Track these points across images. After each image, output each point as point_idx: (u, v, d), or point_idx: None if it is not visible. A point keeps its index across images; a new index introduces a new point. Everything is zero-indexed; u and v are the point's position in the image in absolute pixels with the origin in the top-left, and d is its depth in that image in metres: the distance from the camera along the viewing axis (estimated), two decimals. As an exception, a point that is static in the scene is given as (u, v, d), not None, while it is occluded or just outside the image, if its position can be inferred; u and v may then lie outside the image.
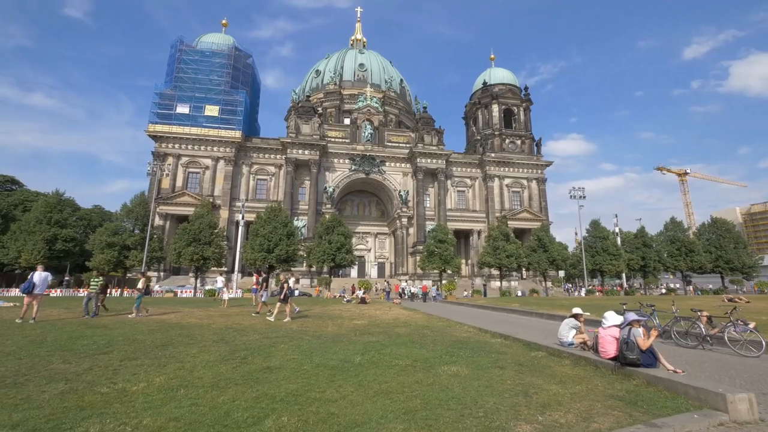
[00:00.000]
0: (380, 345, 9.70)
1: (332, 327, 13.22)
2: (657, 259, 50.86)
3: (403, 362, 7.67)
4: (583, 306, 22.24)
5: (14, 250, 38.02)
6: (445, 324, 14.61)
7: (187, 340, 10.10)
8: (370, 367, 7.26)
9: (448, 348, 9.41)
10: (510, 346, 10.04)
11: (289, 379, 6.30)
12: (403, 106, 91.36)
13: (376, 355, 8.31)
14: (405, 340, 10.48)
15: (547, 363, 7.93)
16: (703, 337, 11.08)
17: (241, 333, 11.44)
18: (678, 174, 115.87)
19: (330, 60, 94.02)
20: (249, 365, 7.29)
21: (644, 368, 6.73)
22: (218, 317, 15.80)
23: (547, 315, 19.81)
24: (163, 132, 66.04)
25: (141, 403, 5.08)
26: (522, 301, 28.38)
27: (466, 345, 9.97)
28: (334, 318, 16.15)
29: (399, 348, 9.27)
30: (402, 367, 7.30)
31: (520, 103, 78.06)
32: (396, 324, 14.44)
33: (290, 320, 14.82)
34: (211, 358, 7.86)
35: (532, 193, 73.65)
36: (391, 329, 12.89)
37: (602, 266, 47.40)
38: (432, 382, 6.28)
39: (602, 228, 51.16)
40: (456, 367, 7.29)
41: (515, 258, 45.14)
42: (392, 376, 6.61)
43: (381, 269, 75.67)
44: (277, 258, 38.54)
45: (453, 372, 6.96)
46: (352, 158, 70.41)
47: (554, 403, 5.32)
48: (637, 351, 6.78)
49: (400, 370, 6.99)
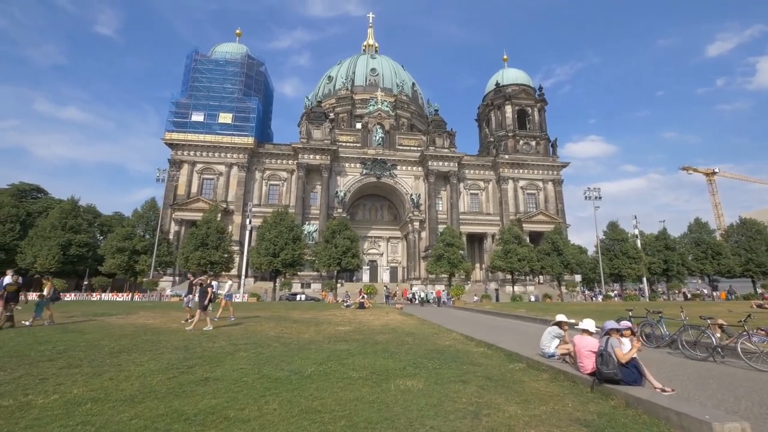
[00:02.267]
0: (347, 354, 8.99)
1: (312, 333, 12.57)
2: (680, 262, 48.13)
3: (357, 374, 6.94)
4: (590, 312, 21.00)
5: (30, 255, 39.16)
6: (434, 331, 13.76)
7: (149, 346, 9.64)
8: (318, 379, 6.56)
9: (418, 358, 8.61)
10: (490, 356, 9.16)
11: (217, 393, 5.67)
12: (415, 110, 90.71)
13: (333, 366, 7.60)
14: (378, 349, 9.73)
15: (521, 377, 7.05)
16: (714, 348, 9.91)
17: (211, 339, 10.92)
18: (705, 174, 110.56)
19: (342, 66, 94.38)
20: (188, 376, 6.71)
21: (626, 385, 5.81)
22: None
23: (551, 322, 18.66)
24: (178, 140, 67.27)
25: (30, 419, 4.55)
26: (530, 307, 27.09)
27: (442, 355, 9.15)
28: (321, 324, 15.51)
29: (365, 358, 8.54)
30: (352, 380, 6.57)
31: (534, 104, 76.25)
32: (382, 331, 13.68)
33: (212, 328, 12.91)
34: (155, 367, 7.33)
35: (548, 194, 71.53)
36: (372, 336, 12.15)
37: (621, 270, 45.17)
38: (374, 399, 5.53)
39: (620, 230, 48.87)
40: (413, 381, 6.52)
41: (527, 262, 43.47)
42: (334, 390, 5.90)
43: (393, 274, 74.78)
44: (282, 262, 38.32)
45: (406, 387, 6.19)
46: (363, 162, 70.04)
47: (504, 428, 4.51)
48: (615, 365, 5.85)
49: (347, 384, 6.27)
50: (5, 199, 44.10)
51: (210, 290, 13.54)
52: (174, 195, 64.92)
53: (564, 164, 73.30)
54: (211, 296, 13.67)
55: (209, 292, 13.53)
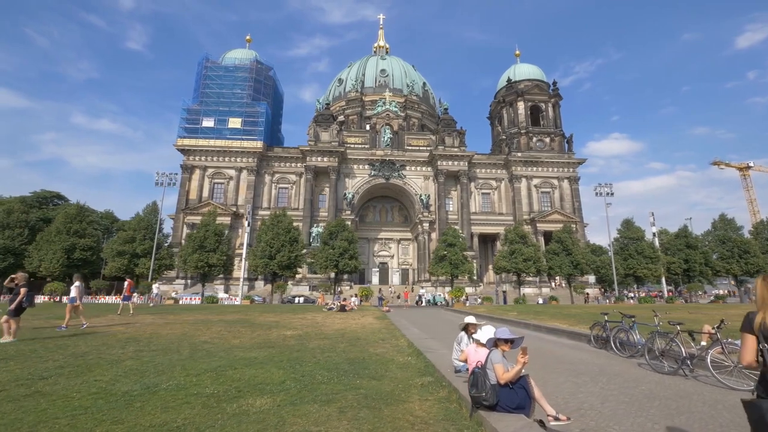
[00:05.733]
0: (244, 363, 8.05)
1: (245, 339, 11.71)
2: (703, 261, 44.64)
3: (213, 390, 5.97)
4: (580, 315, 19.24)
5: (36, 259, 40.36)
6: (383, 336, 12.63)
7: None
8: (160, 396, 5.64)
9: (318, 369, 7.59)
10: (407, 367, 8.02)
11: (23, 411, 4.90)
12: (426, 110, 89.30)
13: (203, 379, 6.68)
14: (287, 358, 8.75)
15: (410, 396, 5.92)
16: (682, 360, 8.41)
17: (113, 346, 10.21)
18: (739, 168, 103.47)
19: (352, 68, 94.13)
20: (23, 389, 5.93)
21: (506, 411, 4.62)
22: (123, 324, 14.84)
23: (534, 326, 17.19)
24: (190, 145, 68.49)
25: None
26: (527, 310, 25.40)
27: (352, 365, 8.08)
28: (272, 328, 14.64)
29: (255, 369, 7.57)
30: (199, 396, 5.62)
31: (548, 99, 73.50)
32: (327, 336, 12.68)
33: (13, 340, 10.37)
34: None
35: (564, 193, 68.63)
36: (307, 342, 11.19)
37: (636, 270, 42.29)
38: (191, 422, 4.60)
39: (636, 228, 45.79)
40: (266, 400, 5.52)
41: (533, 262, 41.32)
42: (156, 413, 4.97)
43: (404, 276, 73.54)
44: (279, 264, 37.86)
45: (249, 408, 5.20)
46: (372, 163, 69.28)
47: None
48: (490, 386, 4.66)
49: (182, 404, 5.31)
50: (15, 205, 45.79)
51: (23, 291, 10.72)
52: (186, 200, 66.10)
53: (580, 161, 70.25)
54: (22, 299, 10.72)
55: (22, 293, 10.68)
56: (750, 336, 2.95)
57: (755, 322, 2.93)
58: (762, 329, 2.87)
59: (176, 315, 20.06)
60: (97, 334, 12.71)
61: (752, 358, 2.90)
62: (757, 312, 2.99)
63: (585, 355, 11.06)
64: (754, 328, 2.92)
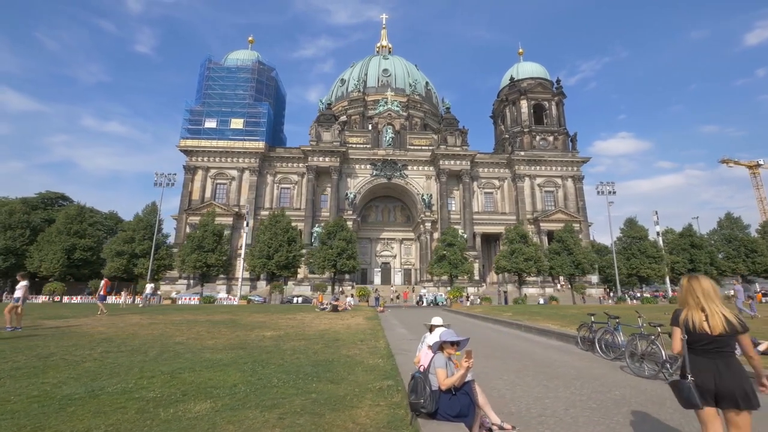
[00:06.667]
0: (205, 365, 7.83)
1: (223, 339, 11.51)
2: (708, 261, 43.68)
3: (157, 394, 5.74)
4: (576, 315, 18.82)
5: (37, 259, 40.70)
6: (365, 338, 12.35)
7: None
8: (97, 400, 5.44)
9: (279, 373, 7.33)
10: (372, 370, 7.75)
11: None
12: (429, 109, 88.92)
13: (155, 382, 6.45)
14: (255, 360, 8.51)
15: (359, 401, 5.63)
16: (662, 363, 8.05)
17: (82, 347, 10.07)
18: (748, 166, 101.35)
19: (354, 68, 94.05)
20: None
21: (445, 420, 4.33)
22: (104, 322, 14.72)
23: (525, 327, 16.81)
24: (193, 146, 68.81)
25: None
26: (524, 310, 24.93)
27: (317, 368, 7.83)
28: (255, 328, 14.43)
29: (215, 372, 7.35)
30: (138, 401, 5.41)
31: (551, 97, 72.73)
32: (306, 337, 12.42)
33: None
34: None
35: (568, 192, 67.83)
36: (283, 343, 10.96)
37: (639, 270, 41.50)
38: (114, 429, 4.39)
39: (639, 227, 44.96)
40: (206, 405, 5.29)
41: (534, 262, 40.72)
42: (84, 417, 4.78)
43: (407, 276, 73.24)
44: (276, 264, 37.75)
45: (186, 412, 4.99)
46: (373, 163, 69.07)
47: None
48: (429, 392, 4.38)
49: (116, 409, 5.09)
50: (16, 206, 46.23)
51: None
52: (189, 200, 66.45)
53: (584, 159, 69.41)
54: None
55: None
56: (677, 329, 3.54)
57: (680, 318, 3.53)
58: (685, 324, 3.47)
59: (165, 315, 19.97)
60: (75, 333, 12.61)
61: (680, 347, 3.50)
62: (682, 309, 3.58)
63: (568, 358, 10.70)
64: (680, 323, 3.52)
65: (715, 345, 3.33)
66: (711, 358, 3.33)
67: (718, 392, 3.24)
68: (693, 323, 3.40)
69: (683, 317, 3.49)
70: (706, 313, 3.38)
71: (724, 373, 3.25)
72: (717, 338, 3.31)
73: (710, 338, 3.33)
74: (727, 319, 3.31)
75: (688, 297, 3.54)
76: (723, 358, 3.31)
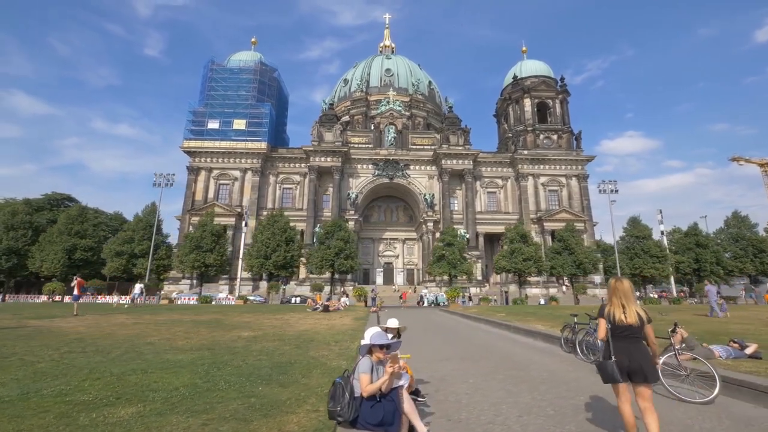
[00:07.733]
0: (160, 367, 7.61)
1: (196, 340, 11.32)
2: (714, 261, 42.56)
3: (85, 397, 5.53)
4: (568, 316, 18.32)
5: (38, 259, 41.11)
6: (343, 338, 12.09)
7: None
8: (29, 403, 5.27)
9: (229, 375, 7.11)
10: (331, 373, 7.47)
11: None
12: (432, 108, 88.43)
13: (91, 385, 6.22)
14: (216, 361, 8.29)
15: (298, 407, 5.35)
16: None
17: (59, 347, 9.93)
18: (759, 164, 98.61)
19: (357, 68, 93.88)
20: None
21: (367, 429, 4.04)
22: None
23: (514, 328, 16.42)
24: (196, 147, 69.11)
25: None
26: (519, 311, 24.43)
27: (276, 369, 7.59)
28: (232, 328, 14.25)
29: (166, 373, 7.13)
30: (44, 408, 5.11)
31: (555, 96, 71.82)
32: (282, 338, 12.19)
33: None
34: None
35: (572, 191, 66.88)
36: (255, 344, 10.74)
37: (643, 270, 40.62)
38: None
39: (643, 226, 44.06)
40: (132, 409, 5.07)
41: (534, 262, 40.09)
42: None
43: (410, 276, 72.87)
44: (274, 264, 37.67)
45: (109, 417, 4.79)
46: (375, 163, 68.83)
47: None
48: (348, 399, 4.10)
49: (37, 413, 4.92)
50: (19, 207, 46.77)
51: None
52: (192, 201, 66.78)
53: (589, 158, 68.39)
54: None
55: None
56: (602, 320, 4.44)
57: (605, 311, 4.41)
58: (608, 316, 4.35)
59: (152, 315, 19.93)
60: (51, 333, 12.54)
61: (604, 335, 4.41)
62: (607, 304, 4.47)
63: (548, 360, 10.34)
64: (605, 315, 4.40)
65: (629, 332, 4.19)
66: (626, 344, 4.19)
67: (630, 369, 4.10)
68: (614, 316, 4.27)
69: (608, 311, 4.37)
70: (624, 308, 4.24)
71: (635, 354, 4.13)
72: (631, 327, 4.16)
73: (626, 327, 4.18)
74: (638, 313, 4.20)
75: (612, 295, 4.40)
76: (634, 343, 4.19)
